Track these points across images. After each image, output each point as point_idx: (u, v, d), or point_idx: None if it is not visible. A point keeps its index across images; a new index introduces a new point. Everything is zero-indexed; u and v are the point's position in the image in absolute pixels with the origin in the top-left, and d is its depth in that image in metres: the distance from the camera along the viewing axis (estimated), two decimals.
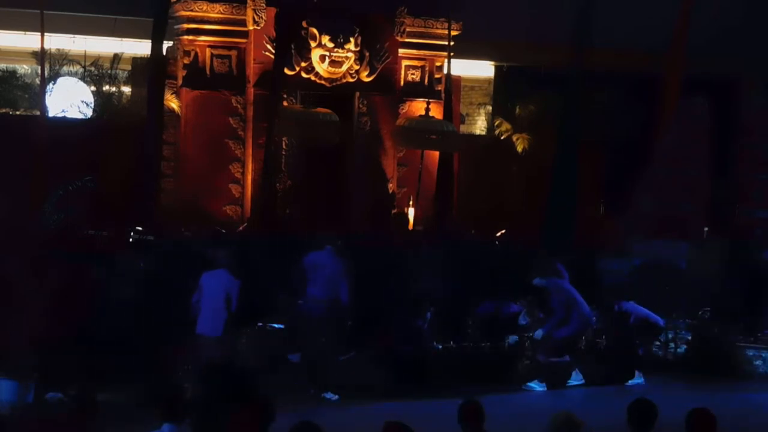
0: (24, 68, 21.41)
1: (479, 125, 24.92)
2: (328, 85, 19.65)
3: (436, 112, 20.14)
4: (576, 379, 15.82)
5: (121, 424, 12.02)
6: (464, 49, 21.28)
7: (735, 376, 16.71)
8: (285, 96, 19.31)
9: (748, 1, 23.10)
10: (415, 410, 12.90)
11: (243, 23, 19.32)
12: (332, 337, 14.70)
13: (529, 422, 13.49)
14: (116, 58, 20.76)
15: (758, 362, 16.92)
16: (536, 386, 15.48)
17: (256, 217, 18.93)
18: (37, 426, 7.54)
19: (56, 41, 20.11)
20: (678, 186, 19.94)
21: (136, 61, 20.36)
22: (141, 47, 20.35)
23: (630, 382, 15.97)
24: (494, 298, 16.69)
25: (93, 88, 20.43)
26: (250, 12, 19.25)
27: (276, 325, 15.71)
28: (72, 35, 21.41)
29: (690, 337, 17.38)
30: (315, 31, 19.29)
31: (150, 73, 18.41)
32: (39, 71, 18.39)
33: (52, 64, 19.68)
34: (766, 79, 22.43)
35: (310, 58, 19.40)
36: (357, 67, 19.75)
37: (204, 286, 13.82)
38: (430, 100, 20.07)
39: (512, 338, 16.25)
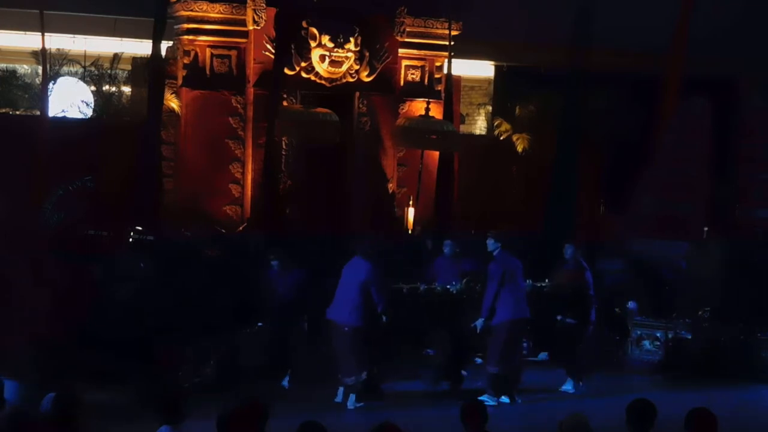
0: (24, 68, 21.44)
1: (479, 125, 24.94)
2: (328, 85, 19.66)
3: (436, 112, 20.14)
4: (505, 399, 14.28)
5: (121, 424, 12.04)
6: (464, 49, 21.29)
7: (735, 376, 16.69)
8: (285, 96, 19.31)
9: (748, 1, 23.10)
10: None
11: (243, 23, 19.32)
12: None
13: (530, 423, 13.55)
14: (116, 58, 20.79)
15: (758, 362, 16.90)
16: (488, 400, 13.53)
17: (256, 217, 18.93)
18: (35, 426, 7.52)
19: (56, 41, 20.11)
20: (678, 186, 19.91)
21: (136, 61, 20.36)
22: (141, 47, 20.36)
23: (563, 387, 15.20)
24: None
25: (93, 88, 20.45)
26: (250, 12, 19.25)
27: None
28: (72, 35, 21.42)
29: (690, 337, 17.35)
30: (315, 31, 19.29)
31: (150, 73, 18.41)
32: (39, 71, 18.38)
33: (52, 64, 19.68)
34: (766, 79, 22.42)
35: (310, 58, 19.40)
36: (357, 67, 19.75)
37: (342, 275, 14.07)
38: (430, 100, 20.07)
39: (459, 284, 15.37)
